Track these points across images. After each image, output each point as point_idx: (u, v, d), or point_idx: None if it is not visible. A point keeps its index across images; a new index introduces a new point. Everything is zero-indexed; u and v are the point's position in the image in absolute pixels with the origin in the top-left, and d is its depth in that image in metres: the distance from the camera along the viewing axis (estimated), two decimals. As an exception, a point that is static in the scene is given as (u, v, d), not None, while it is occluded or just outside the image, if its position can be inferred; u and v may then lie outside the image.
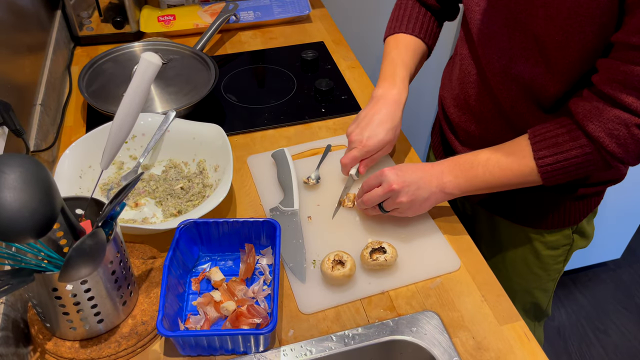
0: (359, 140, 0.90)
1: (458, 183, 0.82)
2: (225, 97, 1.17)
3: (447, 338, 0.74)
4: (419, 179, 0.82)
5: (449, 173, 0.83)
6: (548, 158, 0.76)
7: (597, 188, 0.94)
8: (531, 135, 0.79)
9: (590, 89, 0.75)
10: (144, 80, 0.71)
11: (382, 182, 0.83)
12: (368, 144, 0.90)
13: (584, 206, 0.96)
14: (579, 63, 0.76)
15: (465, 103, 0.94)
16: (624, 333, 1.86)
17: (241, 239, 0.83)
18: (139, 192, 0.93)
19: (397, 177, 0.82)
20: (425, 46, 1.00)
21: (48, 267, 0.64)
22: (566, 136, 0.75)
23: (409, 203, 0.82)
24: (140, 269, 0.80)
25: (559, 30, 0.73)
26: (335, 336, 0.74)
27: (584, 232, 1.01)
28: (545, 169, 0.77)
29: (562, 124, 0.77)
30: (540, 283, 1.06)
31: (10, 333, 0.68)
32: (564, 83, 0.79)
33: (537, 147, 0.77)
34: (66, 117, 1.11)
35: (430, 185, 0.82)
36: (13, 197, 0.53)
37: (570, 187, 0.92)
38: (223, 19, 1.29)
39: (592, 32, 0.71)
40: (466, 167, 0.82)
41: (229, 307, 0.75)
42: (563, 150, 0.75)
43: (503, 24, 0.81)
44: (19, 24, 1.02)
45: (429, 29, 0.99)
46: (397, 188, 0.81)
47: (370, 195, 0.84)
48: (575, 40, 0.73)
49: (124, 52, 1.18)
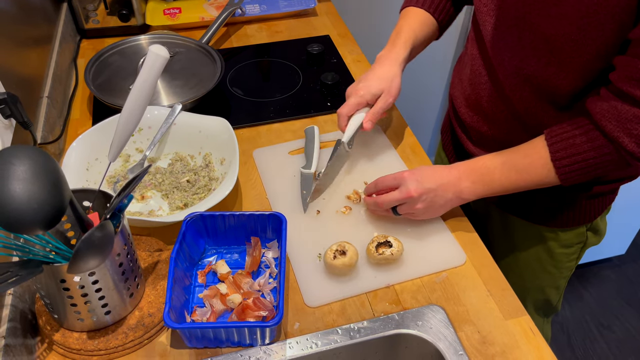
0: (354, 90, 0.92)
1: (475, 189, 0.82)
2: (231, 91, 1.17)
3: (452, 332, 0.74)
4: (437, 187, 0.82)
5: (466, 179, 0.82)
6: (566, 159, 0.75)
7: (612, 185, 0.93)
8: (548, 136, 0.77)
9: (607, 87, 0.73)
10: (152, 73, 0.71)
11: (400, 185, 0.83)
12: (360, 89, 0.91)
13: (599, 204, 0.95)
14: (595, 61, 0.74)
15: (477, 104, 0.93)
16: (628, 329, 1.86)
17: (247, 232, 0.83)
18: (145, 184, 0.93)
19: (417, 185, 0.81)
20: (435, 21, 0.99)
21: (56, 258, 0.64)
22: (583, 137, 0.74)
23: (424, 209, 0.83)
24: (147, 261, 0.81)
25: (574, 29, 0.72)
26: (341, 329, 0.75)
27: (598, 230, 1.00)
28: (564, 170, 0.76)
29: (579, 125, 0.75)
30: (553, 281, 1.05)
31: (18, 324, 0.68)
32: (579, 81, 0.77)
33: (554, 149, 0.76)
34: (72, 109, 1.11)
35: (447, 193, 0.82)
36: (22, 188, 0.53)
37: (585, 186, 0.91)
38: (229, 12, 1.29)
39: (611, 30, 0.70)
40: (483, 172, 0.82)
41: (235, 300, 0.75)
42: (581, 151, 0.74)
43: (512, 23, 0.80)
44: (26, 17, 1.02)
45: (441, 5, 0.98)
46: (416, 196, 0.81)
47: (387, 198, 0.84)
48: (592, 38, 0.71)
49: (130, 45, 1.18)
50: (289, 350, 0.72)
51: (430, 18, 0.98)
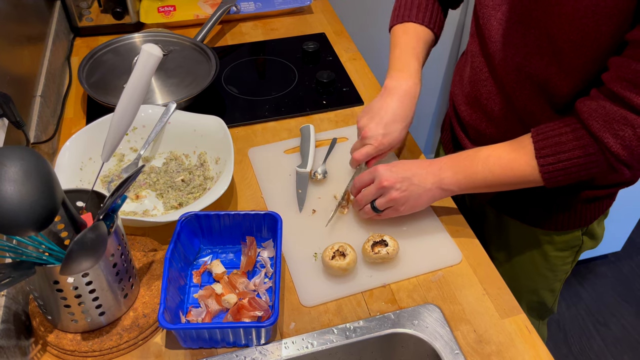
0: (375, 137, 0.87)
1: (457, 179, 0.81)
2: (225, 89, 1.17)
3: (448, 331, 0.74)
4: (412, 175, 0.81)
5: (448, 169, 0.81)
6: (550, 157, 0.74)
7: (609, 190, 0.91)
8: (534, 133, 0.77)
9: (598, 88, 0.72)
10: (145, 72, 0.71)
11: (374, 178, 0.82)
12: (384, 142, 0.87)
13: (596, 208, 0.93)
14: (593, 63, 0.73)
15: (476, 101, 0.92)
16: (624, 326, 1.86)
17: (242, 231, 0.82)
18: (140, 184, 0.93)
19: (390, 174, 0.81)
20: (433, 36, 0.97)
21: (49, 259, 0.64)
22: (570, 135, 0.73)
23: (402, 199, 0.81)
24: (142, 262, 0.80)
25: (574, 30, 0.71)
26: (337, 329, 0.74)
27: (594, 234, 0.98)
28: (547, 168, 0.75)
29: (566, 123, 0.74)
30: (547, 283, 1.04)
31: (11, 325, 0.68)
32: (577, 83, 0.77)
33: (539, 146, 0.75)
34: (66, 108, 1.10)
35: (425, 182, 0.81)
36: (14, 190, 0.52)
37: (581, 189, 0.90)
38: (223, 9, 1.28)
39: (608, 32, 0.69)
40: (466, 163, 0.81)
41: (231, 300, 0.75)
42: (566, 149, 0.73)
43: (517, 20, 0.78)
44: (18, 15, 1.01)
45: (437, 17, 0.96)
46: (388, 185, 0.80)
47: (363, 194, 0.83)
48: (590, 39, 0.71)
49: (124, 43, 1.17)
50: (284, 350, 0.72)
51: (429, 33, 0.96)
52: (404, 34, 0.95)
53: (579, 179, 0.76)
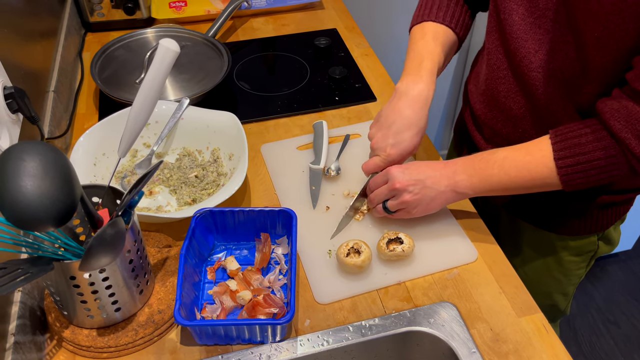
0: (382, 148, 0.84)
1: (472, 182, 0.79)
2: (237, 85, 1.16)
3: (464, 329, 0.74)
4: (426, 177, 0.79)
5: (463, 172, 0.79)
6: (569, 159, 0.72)
7: (627, 195, 0.89)
8: (552, 134, 0.74)
9: (621, 87, 0.70)
10: (162, 67, 0.70)
11: (388, 180, 0.81)
12: (392, 153, 0.84)
13: (613, 213, 0.91)
14: (615, 63, 0.71)
15: (493, 99, 0.89)
16: (634, 324, 1.85)
17: (257, 228, 0.82)
18: (153, 180, 0.93)
19: (402, 176, 0.79)
20: (455, 36, 0.91)
21: (65, 255, 0.64)
22: (590, 136, 0.71)
23: (414, 202, 0.80)
24: (156, 258, 0.80)
25: (598, 26, 0.69)
26: (352, 326, 0.74)
27: (610, 239, 0.96)
28: (565, 170, 0.72)
29: (587, 124, 0.72)
30: (561, 287, 1.02)
31: (27, 321, 0.68)
32: (599, 83, 0.74)
33: (557, 147, 0.73)
34: (79, 104, 1.10)
35: (439, 185, 0.79)
36: (33, 185, 0.52)
37: (598, 194, 0.87)
38: (235, 5, 1.27)
39: (634, 30, 0.67)
40: (481, 165, 0.78)
41: (245, 297, 0.75)
42: (585, 151, 0.71)
43: (542, 14, 0.76)
44: (30, 10, 1.01)
45: (460, 18, 0.91)
46: (400, 187, 0.79)
47: (375, 194, 0.83)
48: (615, 37, 0.69)
49: (136, 39, 1.17)
50: (299, 348, 0.72)
51: (450, 34, 0.91)
52: (420, 35, 0.90)
53: (598, 182, 0.73)
